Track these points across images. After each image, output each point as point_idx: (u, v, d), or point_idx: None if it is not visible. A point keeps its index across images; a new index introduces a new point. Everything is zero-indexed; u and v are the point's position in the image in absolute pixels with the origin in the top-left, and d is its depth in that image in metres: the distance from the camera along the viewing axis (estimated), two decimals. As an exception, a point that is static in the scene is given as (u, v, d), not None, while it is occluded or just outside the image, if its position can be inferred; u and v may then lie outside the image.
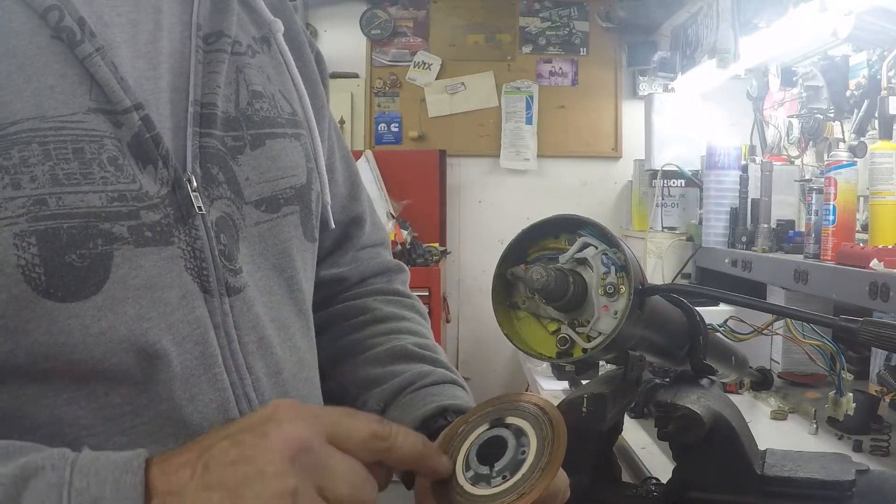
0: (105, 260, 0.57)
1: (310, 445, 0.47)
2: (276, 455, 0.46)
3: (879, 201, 1.60)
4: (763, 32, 2.25)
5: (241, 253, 0.67)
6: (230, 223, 0.66)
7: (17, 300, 0.54)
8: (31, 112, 0.55)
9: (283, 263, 0.71)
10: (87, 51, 0.59)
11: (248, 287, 0.66)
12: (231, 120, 0.69)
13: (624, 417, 0.87)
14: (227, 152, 0.68)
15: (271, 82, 0.75)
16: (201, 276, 0.63)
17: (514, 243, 0.69)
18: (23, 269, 0.54)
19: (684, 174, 2.76)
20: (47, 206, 0.55)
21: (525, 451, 0.51)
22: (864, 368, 1.79)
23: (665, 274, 2.57)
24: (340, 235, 0.89)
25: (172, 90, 0.66)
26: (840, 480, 0.76)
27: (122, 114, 0.59)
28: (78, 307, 0.56)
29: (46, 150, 0.55)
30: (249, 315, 0.66)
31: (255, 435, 0.47)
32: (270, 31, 0.77)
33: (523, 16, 3.81)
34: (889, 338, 0.66)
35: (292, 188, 0.73)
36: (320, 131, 0.79)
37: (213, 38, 0.70)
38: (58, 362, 0.56)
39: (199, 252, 0.63)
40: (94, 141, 0.58)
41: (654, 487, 0.84)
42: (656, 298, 0.73)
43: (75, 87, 0.58)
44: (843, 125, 2.13)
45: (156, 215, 0.60)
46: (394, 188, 3.44)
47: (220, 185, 0.66)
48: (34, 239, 0.54)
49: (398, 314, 0.88)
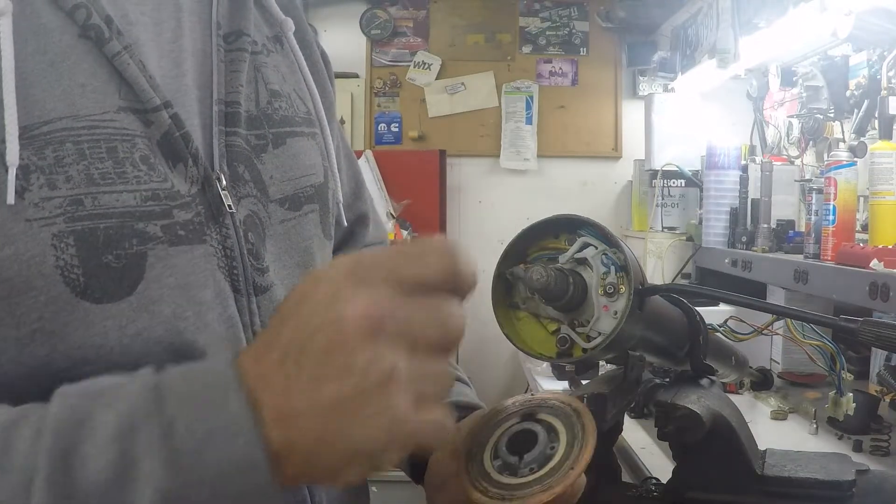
0: (140, 260, 0.56)
1: (385, 312, 0.44)
2: (361, 338, 0.43)
3: (879, 201, 1.59)
4: (763, 32, 2.25)
5: (267, 252, 0.67)
6: (257, 221, 0.66)
7: (55, 302, 0.53)
8: (63, 111, 0.55)
9: (306, 261, 0.72)
10: (116, 49, 0.58)
11: (275, 286, 0.66)
12: (253, 119, 0.69)
13: (624, 417, 0.87)
14: (251, 151, 0.68)
15: (286, 81, 0.75)
16: (232, 275, 0.63)
17: (513, 243, 0.69)
18: (61, 270, 0.53)
19: (684, 174, 2.76)
20: (83, 206, 0.54)
21: (555, 448, 0.52)
22: (864, 368, 1.79)
23: (665, 274, 2.57)
24: (346, 234, 0.90)
25: (197, 88, 0.66)
26: (840, 480, 0.76)
27: (151, 112, 0.59)
28: (114, 308, 0.55)
29: (80, 149, 0.55)
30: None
31: (329, 321, 0.44)
32: (282, 30, 0.77)
33: (523, 16, 3.81)
34: (889, 338, 0.66)
35: (312, 186, 0.74)
36: (330, 130, 0.80)
37: (233, 36, 0.71)
38: (96, 366, 0.55)
39: (229, 251, 0.63)
40: (126, 140, 0.57)
41: (654, 487, 0.84)
42: (656, 298, 0.73)
43: (105, 85, 0.58)
44: (843, 125, 2.13)
45: (188, 214, 0.60)
46: (394, 188, 3.44)
47: (246, 184, 0.66)
48: (72, 239, 0.54)
49: None
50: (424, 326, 0.45)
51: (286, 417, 0.44)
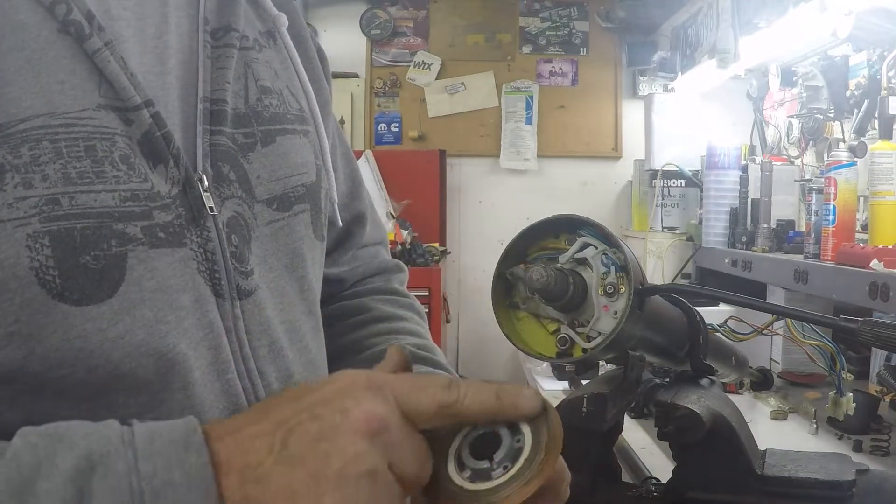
0: (120, 261, 0.55)
1: (388, 424, 0.46)
2: (358, 434, 0.45)
3: (879, 201, 1.59)
4: (763, 32, 2.25)
5: (252, 254, 0.65)
6: (241, 223, 0.65)
7: (30, 304, 0.52)
8: (41, 108, 0.54)
9: (295, 263, 0.70)
10: (96, 45, 0.57)
11: (260, 289, 0.65)
12: (241, 116, 0.68)
13: (624, 417, 0.87)
14: (237, 150, 0.66)
15: (279, 78, 0.74)
16: (213, 279, 0.61)
17: (514, 243, 0.69)
18: (36, 271, 0.52)
19: (684, 174, 2.76)
20: (60, 205, 0.53)
21: (521, 440, 0.49)
22: (864, 368, 1.79)
23: (665, 274, 2.57)
24: (342, 234, 0.89)
25: (181, 86, 0.64)
26: (840, 480, 0.76)
27: (132, 111, 0.58)
28: (94, 310, 0.54)
29: (58, 147, 0.53)
30: (260, 318, 0.65)
31: (334, 411, 0.46)
32: (275, 26, 0.75)
33: (523, 16, 3.81)
34: (889, 338, 0.66)
35: (303, 186, 0.72)
36: (325, 128, 0.78)
37: (221, 32, 0.69)
38: (74, 369, 0.54)
39: (210, 254, 0.61)
40: (105, 138, 0.56)
41: (654, 487, 0.84)
42: (656, 298, 0.73)
43: (84, 82, 0.56)
44: (843, 125, 2.13)
45: (168, 216, 0.59)
46: (394, 188, 3.44)
47: (231, 184, 0.65)
48: (47, 240, 0.52)
49: (397, 314, 0.88)
50: (407, 458, 0.47)
51: (252, 479, 0.45)
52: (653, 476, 0.90)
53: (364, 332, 0.85)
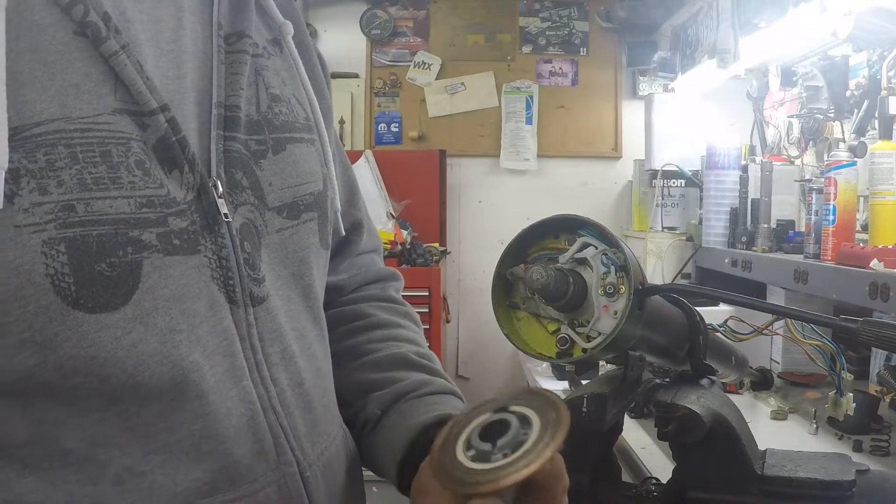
0: (135, 269, 0.55)
1: None
2: None
3: (879, 201, 1.59)
4: (763, 32, 2.25)
5: (262, 261, 0.65)
6: (253, 230, 0.64)
7: (45, 311, 0.51)
8: (56, 112, 0.53)
9: (302, 271, 0.70)
10: (113, 48, 0.56)
11: (271, 296, 0.65)
12: (254, 123, 0.67)
13: (624, 417, 0.87)
14: (250, 156, 0.66)
15: (286, 86, 0.73)
16: (227, 286, 0.61)
17: (514, 243, 0.69)
18: (52, 278, 0.51)
19: (684, 174, 2.76)
20: (76, 212, 0.52)
21: (527, 434, 0.51)
22: (864, 368, 1.79)
23: (665, 274, 2.57)
24: (341, 242, 0.89)
25: (197, 91, 0.63)
26: (840, 480, 0.76)
27: (147, 115, 0.57)
28: (108, 318, 0.54)
29: (73, 152, 0.53)
30: (273, 325, 0.65)
31: None
32: (281, 34, 0.75)
33: (523, 16, 3.81)
34: (889, 338, 0.66)
35: (311, 194, 0.72)
36: (328, 136, 0.78)
37: (234, 38, 0.69)
38: (88, 377, 0.53)
39: (224, 261, 0.61)
40: (121, 143, 0.55)
41: (654, 487, 0.84)
42: (656, 298, 0.73)
43: (99, 86, 0.55)
44: (843, 125, 2.13)
45: (183, 222, 0.58)
46: (394, 188, 3.44)
47: (243, 191, 0.64)
48: (63, 247, 0.51)
49: (394, 321, 0.87)
50: None
51: None
52: (653, 476, 0.90)
53: (362, 338, 0.85)
